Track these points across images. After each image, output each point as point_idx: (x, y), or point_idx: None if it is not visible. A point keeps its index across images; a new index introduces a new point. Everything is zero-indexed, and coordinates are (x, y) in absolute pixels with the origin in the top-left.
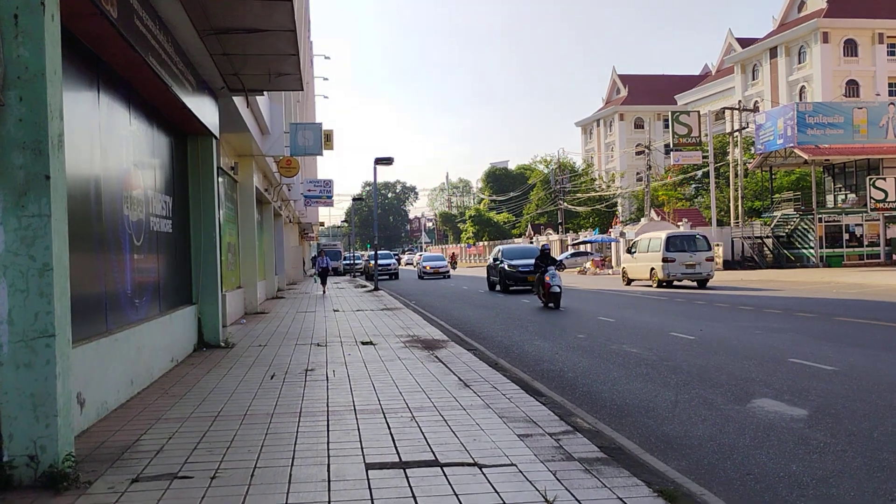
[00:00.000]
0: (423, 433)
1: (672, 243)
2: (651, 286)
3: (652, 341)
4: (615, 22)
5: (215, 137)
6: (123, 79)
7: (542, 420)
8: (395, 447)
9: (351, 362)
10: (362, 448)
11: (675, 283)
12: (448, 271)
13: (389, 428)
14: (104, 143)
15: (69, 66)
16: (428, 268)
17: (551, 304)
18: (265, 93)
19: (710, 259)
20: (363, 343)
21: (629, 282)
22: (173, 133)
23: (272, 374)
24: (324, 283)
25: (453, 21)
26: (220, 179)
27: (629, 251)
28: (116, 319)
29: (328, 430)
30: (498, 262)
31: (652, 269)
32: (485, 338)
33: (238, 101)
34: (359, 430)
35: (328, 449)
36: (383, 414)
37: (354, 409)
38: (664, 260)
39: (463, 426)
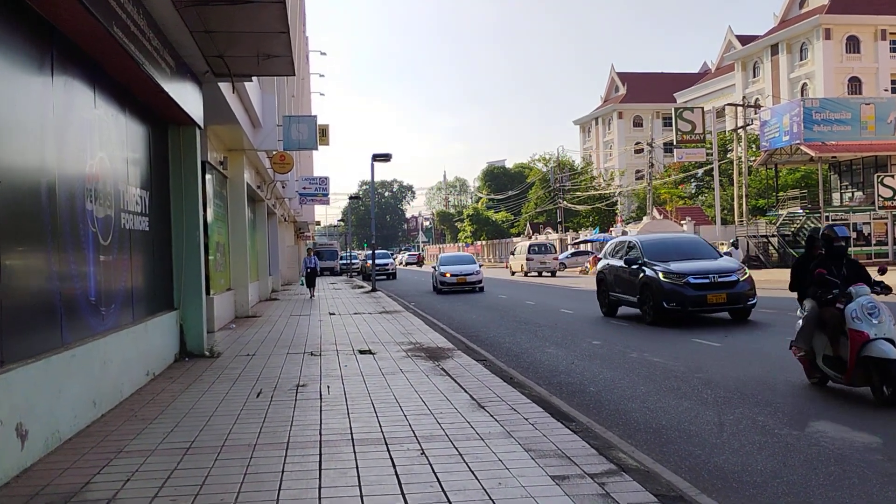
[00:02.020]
0: (435, 474)
1: (532, 249)
2: (521, 274)
3: (674, 348)
4: (613, 20)
5: (199, 127)
6: (86, 55)
7: (577, 455)
8: (403, 496)
9: (348, 376)
10: (362, 497)
11: (534, 273)
12: (481, 280)
13: (394, 466)
14: (59, 126)
15: (7, 32)
16: (448, 275)
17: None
18: (256, 80)
19: (556, 259)
20: (361, 352)
21: (513, 273)
22: (151, 121)
23: (259, 390)
24: (311, 285)
25: (451, 18)
26: (209, 176)
27: (512, 253)
28: (76, 331)
29: (320, 469)
30: (636, 267)
31: (521, 264)
32: (491, 344)
33: (226, 89)
34: (357, 468)
35: (320, 497)
36: (386, 445)
37: (352, 439)
38: (527, 259)
39: (483, 463)
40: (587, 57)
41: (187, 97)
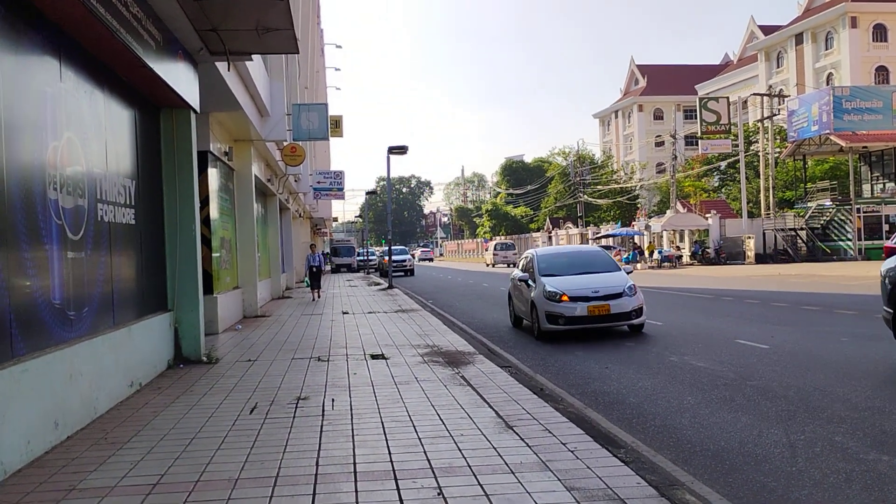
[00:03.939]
0: None
1: (497, 247)
2: (491, 266)
3: (718, 351)
4: (632, 12)
5: (195, 111)
6: (45, 17)
7: (633, 497)
8: None
9: (356, 385)
10: None
11: (501, 265)
12: (641, 307)
13: None
14: (7, 98)
15: None
16: (567, 299)
17: None
18: (262, 65)
19: (515, 254)
20: (373, 357)
21: (487, 265)
22: (138, 103)
23: (254, 404)
24: (315, 286)
25: (469, 15)
26: (213, 169)
27: (486, 250)
28: (32, 341)
29: None
30: None
31: (490, 259)
32: (515, 346)
33: (226, 71)
34: None
35: None
36: (395, 481)
37: (354, 472)
38: (493, 255)
39: None
40: (606, 50)
41: (179, 76)
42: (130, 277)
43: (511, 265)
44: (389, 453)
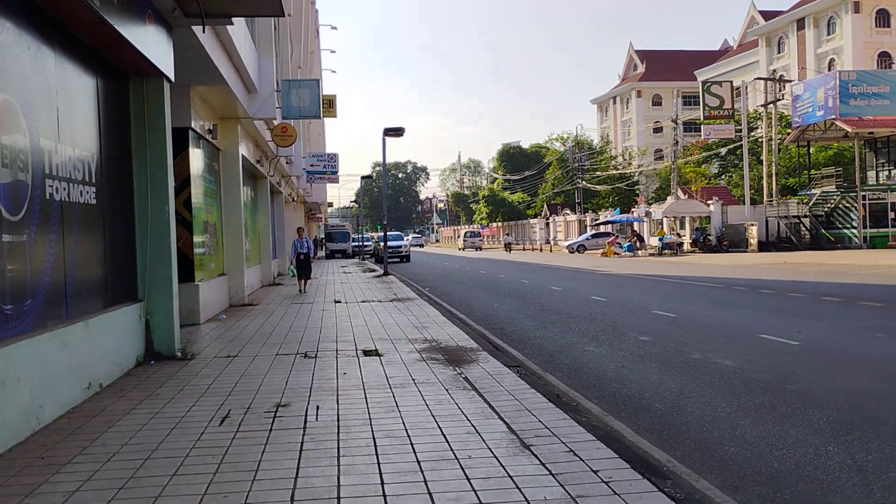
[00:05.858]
0: None
1: (466, 234)
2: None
3: (743, 347)
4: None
5: (168, 80)
6: None
7: None
8: None
9: (345, 389)
10: None
11: (469, 249)
12: None
13: None
14: None
15: None
16: None
17: None
18: (249, 39)
19: (481, 240)
20: (366, 353)
21: (459, 249)
22: (102, 68)
23: (226, 412)
24: (303, 275)
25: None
26: (198, 150)
27: (459, 236)
28: None
29: None
30: None
31: (459, 245)
32: (520, 340)
33: (206, 37)
34: None
35: None
36: None
37: None
38: (464, 241)
39: None
40: (605, 35)
41: (148, 39)
42: (90, 265)
43: (478, 249)
44: (382, 483)
